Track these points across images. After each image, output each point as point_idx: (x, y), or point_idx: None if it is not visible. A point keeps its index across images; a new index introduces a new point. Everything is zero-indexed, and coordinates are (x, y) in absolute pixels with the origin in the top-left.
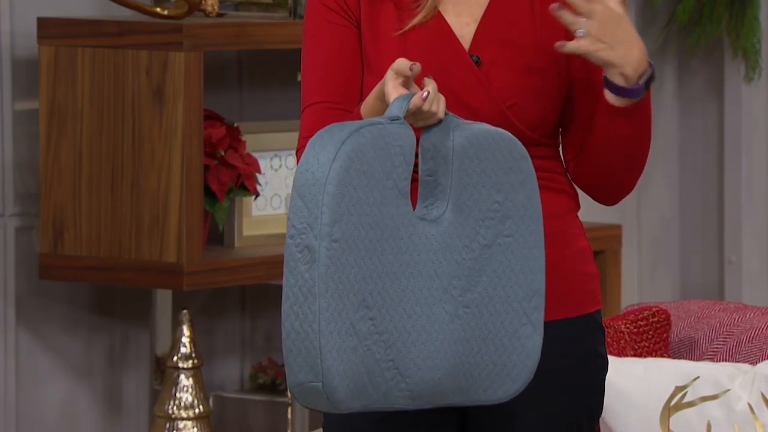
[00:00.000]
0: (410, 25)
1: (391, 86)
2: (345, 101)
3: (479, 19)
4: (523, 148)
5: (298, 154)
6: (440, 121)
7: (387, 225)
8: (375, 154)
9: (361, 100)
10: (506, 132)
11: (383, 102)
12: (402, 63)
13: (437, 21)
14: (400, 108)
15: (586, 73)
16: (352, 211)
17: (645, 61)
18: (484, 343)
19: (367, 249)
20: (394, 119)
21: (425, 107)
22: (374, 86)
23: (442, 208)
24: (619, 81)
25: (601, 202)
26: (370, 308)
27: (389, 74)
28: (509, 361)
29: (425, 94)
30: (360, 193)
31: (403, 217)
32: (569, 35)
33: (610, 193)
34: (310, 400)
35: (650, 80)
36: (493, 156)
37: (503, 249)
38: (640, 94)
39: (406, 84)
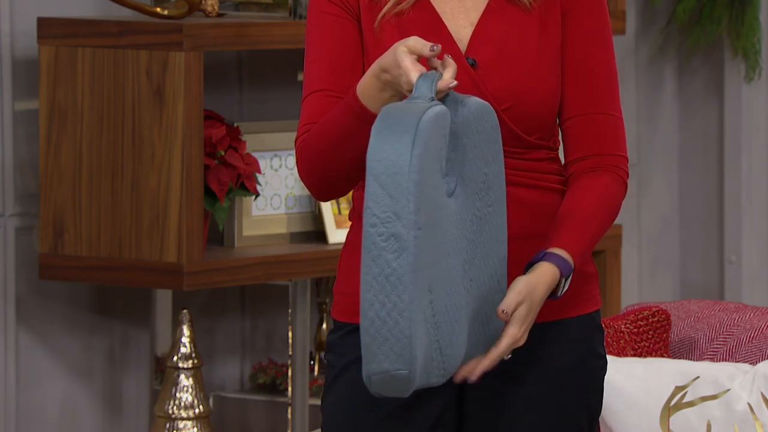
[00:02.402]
0: (387, 7)
1: (410, 62)
2: (345, 90)
3: (476, 23)
4: (496, 117)
5: (298, 141)
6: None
7: (438, 206)
8: (435, 137)
9: None
10: (487, 103)
11: (380, 80)
12: (417, 41)
13: (434, 23)
14: (430, 88)
15: (578, 75)
16: (425, 196)
17: (554, 285)
18: (478, 314)
19: (430, 234)
20: (431, 100)
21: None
22: None
23: (453, 184)
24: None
25: None
26: (432, 292)
27: (403, 51)
28: (489, 329)
29: (453, 83)
30: (427, 178)
31: (443, 196)
32: (566, 38)
33: None
34: (388, 387)
35: (568, 278)
36: (484, 128)
37: (488, 220)
38: (565, 288)
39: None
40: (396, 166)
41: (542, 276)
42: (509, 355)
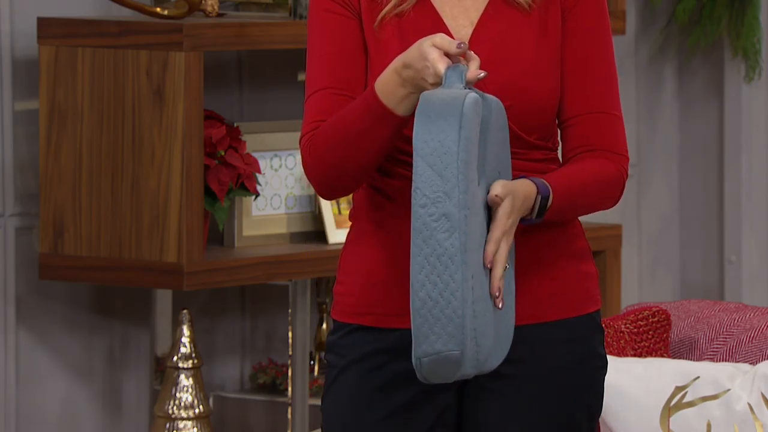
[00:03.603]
0: (388, 8)
1: (437, 55)
2: (350, 88)
3: (476, 22)
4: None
5: (304, 139)
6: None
7: (474, 194)
8: (475, 122)
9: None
10: (501, 103)
11: (401, 76)
12: (444, 38)
13: (435, 22)
14: (460, 78)
15: (578, 75)
16: (470, 178)
17: (530, 200)
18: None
19: (472, 218)
20: (464, 89)
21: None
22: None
23: (478, 175)
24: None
25: None
26: (473, 278)
27: (429, 45)
28: (501, 329)
29: (482, 73)
30: (471, 161)
31: (476, 184)
32: (565, 38)
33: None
34: (439, 370)
35: (544, 206)
36: (501, 126)
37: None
38: (536, 221)
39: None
40: (444, 147)
41: (520, 183)
42: (507, 266)
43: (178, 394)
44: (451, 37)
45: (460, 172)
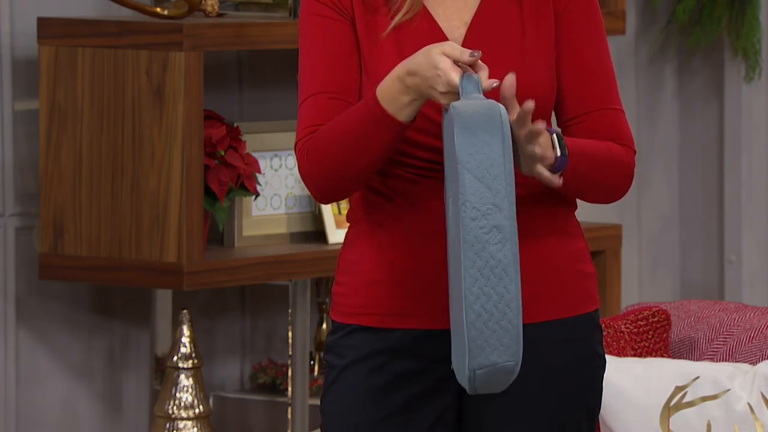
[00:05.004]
0: (395, 21)
1: (449, 64)
2: (344, 92)
3: (469, 22)
4: None
5: (299, 143)
6: None
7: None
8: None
9: (359, 100)
10: None
11: (404, 83)
12: (454, 46)
13: (429, 24)
14: (477, 88)
15: (577, 76)
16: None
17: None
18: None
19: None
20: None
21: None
22: (370, 89)
23: None
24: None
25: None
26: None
27: (438, 53)
28: None
29: (496, 82)
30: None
31: None
32: (560, 39)
33: (597, 202)
34: (492, 381)
35: (561, 141)
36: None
37: None
38: (565, 162)
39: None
40: (490, 159)
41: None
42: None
43: (178, 394)
44: (445, 37)
45: (508, 184)
